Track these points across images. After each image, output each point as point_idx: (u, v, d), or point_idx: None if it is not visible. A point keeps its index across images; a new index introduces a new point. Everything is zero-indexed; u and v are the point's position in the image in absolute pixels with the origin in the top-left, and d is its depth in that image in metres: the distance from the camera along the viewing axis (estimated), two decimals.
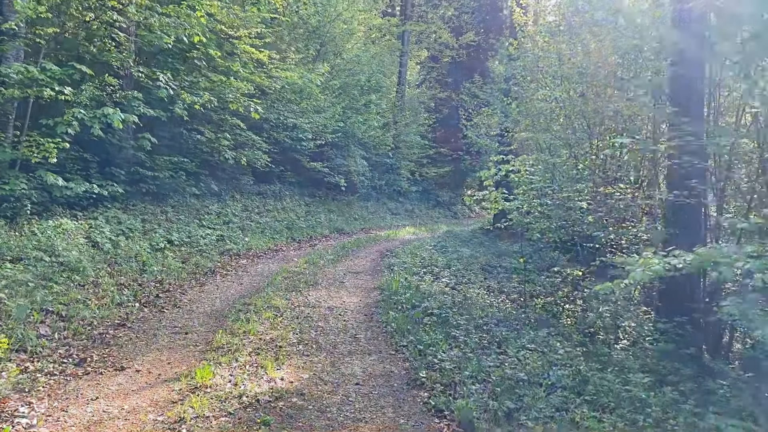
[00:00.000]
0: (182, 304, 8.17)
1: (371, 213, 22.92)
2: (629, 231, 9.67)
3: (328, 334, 7.03)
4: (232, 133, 15.13)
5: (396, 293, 9.07)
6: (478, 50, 29.33)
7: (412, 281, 10.22)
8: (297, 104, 17.69)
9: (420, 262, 12.53)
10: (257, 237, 14.44)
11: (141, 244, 11.07)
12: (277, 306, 8.03)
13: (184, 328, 7.02)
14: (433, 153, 27.92)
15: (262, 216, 16.23)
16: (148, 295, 8.47)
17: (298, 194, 19.49)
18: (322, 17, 20.38)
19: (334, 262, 12.62)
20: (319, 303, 8.64)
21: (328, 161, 20.37)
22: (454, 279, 11.37)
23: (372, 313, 8.25)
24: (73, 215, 10.69)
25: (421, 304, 8.41)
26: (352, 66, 22.93)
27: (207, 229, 13.34)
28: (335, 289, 9.82)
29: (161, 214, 12.90)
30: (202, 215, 13.99)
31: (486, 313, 8.75)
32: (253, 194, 17.22)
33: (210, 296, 8.78)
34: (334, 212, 20.15)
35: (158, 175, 12.89)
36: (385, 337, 7.03)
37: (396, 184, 25.88)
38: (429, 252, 13.99)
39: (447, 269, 12.13)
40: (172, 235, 12.04)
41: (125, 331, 6.77)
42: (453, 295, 9.62)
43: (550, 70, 11.81)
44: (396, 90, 27.74)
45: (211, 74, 13.22)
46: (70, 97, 9.80)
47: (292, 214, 17.68)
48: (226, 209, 15.08)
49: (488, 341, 7.18)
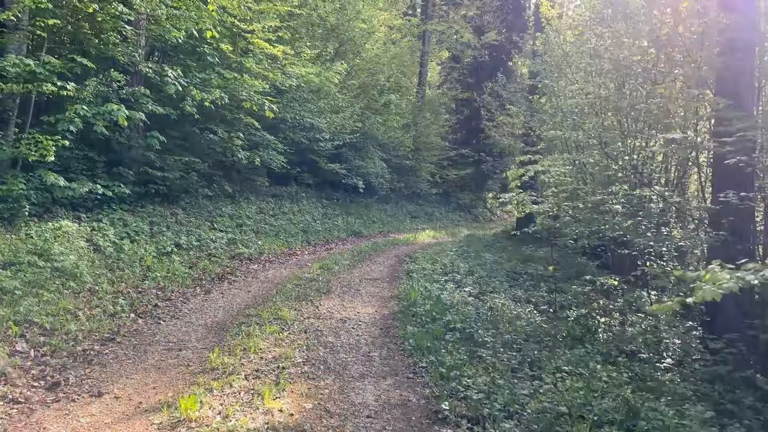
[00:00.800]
0: (182, 315, 7.38)
1: (390, 216, 22.06)
2: (672, 238, 8.69)
3: (338, 352, 6.18)
4: (246, 133, 14.40)
5: (415, 304, 8.20)
6: (500, 50, 28.31)
7: (432, 290, 9.34)
8: (314, 104, 16.91)
9: (441, 268, 11.63)
10: (271, 240, 13.66)
11: (147, 247, 10.35)
12: (284, 318, 7.21)
13: (179, 343, 6.23)
14: (454, 155, 26.95)
15: (277, 219, 15.46)
16: (146, 303, 7.71)
17: (315, 196, 18.71)
18: (341, 16, 19.61)
19: (350, 267, 11.78)
20: (330, 314, 7.80)
21: (346, 162, 19.56)
22: (478, 287, 10.46)
23: (388, 326, 7.38)
24: (76, 217, 10.02)
25: (442, 317, 7.53)
26: (371, 66, 22.12)
27: (218, 232, 12.59)
28: (349, 297, 8.97)
29: (171, 216, 12.18)
30: (214, 217, 13.25)
31: (514, 327, 7.83)
32: (269, 196, 16.47)
33: (213, 305, 7.99)
34: (351, 215, 19.32)
35: (168, 176, 12.17)
36: (402, 357, 6.16)
37: (416, 186, 24.98)
38: (450, 257, 13.08)
39: (469, 276, 11.22)
40: (181, 239, 11.31)
41: (113, 347, 6.00)
42: (477, 305, 8.72)
43: (582, 64, 10.88)
44: (416, 90, 26.86)
45: (224, 71, 12.48)
46: (72, 93, 9.11)
47: (309, 217, 16.89)
48: (240, 211, 14.34)
49: (519, 362, 6.27)
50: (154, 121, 12.48)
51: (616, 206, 9.48)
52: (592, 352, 7.03)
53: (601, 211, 9.70)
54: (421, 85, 27.00)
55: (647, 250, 9.90)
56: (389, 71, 23.09)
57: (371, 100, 21.18)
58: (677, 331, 7.48)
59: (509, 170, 8.80)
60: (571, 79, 11.20)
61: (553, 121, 12.04)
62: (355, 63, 21.27)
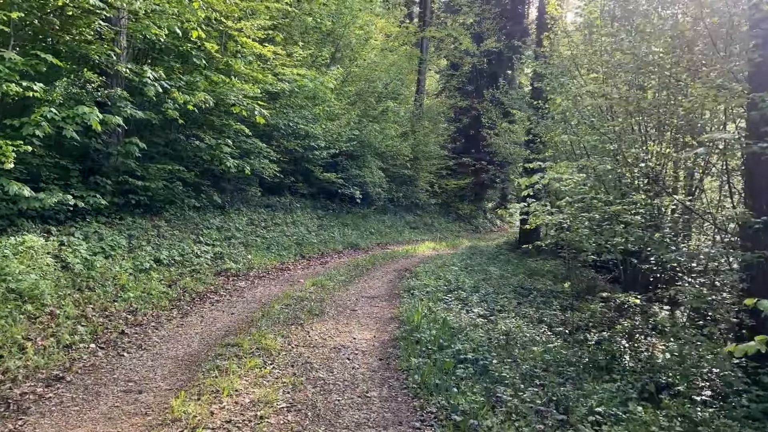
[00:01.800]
0: (150, 344, 6.31)
1: (388, 227, 21.01)
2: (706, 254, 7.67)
3: (330, 392, 5.11)
4: (236, 140, 13.38)
5: (418, 328, 7.13)
6: (499, 57, 27.43)
7: (436, 311, 8.28)
8: (309, 110, 15.91)
9: (444, 284, 10.57)
10: (262, 254, 12.60)
11: (123, 264, 9.28)
12: (268, 348, 6.14)
13: (141, 383, 5.16)
14: (453, 164, 25.93)
15: (269, 230, 14.41)
16: (111, 330, 6.64)
17: (310, 207, 17.66)
18: (337, 20, 18.66)
19: (346, 283, 10.72)
20: (323, 341, 6.74)
21: (342, 172, 18.53)
22: (485, 305, 9.42)
23: (389, 356, 6.32)
24: (46, 231, 8.97)
25: (450, 345, 6.47)
26: (368, 73, 21.16)
27: (204, 246, 11.53)
28: (344, 319, 7.91)
29: (152, 228, 11.12)
30: (201, 230, 12.19)
31: (530, 354, 6.79)
32: (261, 207, 15.42)
33: (189, 331, 6.92)
34: (348, 226, 18.27)
35: (150, 186, 11.11)
36: (407, 398, 5.09)
37: (414, 196, 23.94)
38: (453, 272, 12.01)
39: (475, 293, 10.17)
40: (161, 253, 10.24)
41: (60, 389, 4.93)
42: (487, 329, 7.66)
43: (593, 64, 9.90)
44: (414, 99, 25.90)
45: (211, 74, 11.47)
46: (40, 95, 8.10)
47: (303, 229, 15.84)
48: (229, 223, 13.27)
49: (544, 401, 5.21)
50: (136, 127, 11.48)
51: (636, 217, 8.48)
52: (624, 385, 5.99)
53: (621, 222, 8.69)
54: (420, 92, 26.05)
55: (670, 265, 8.89)
56: (387, 78, 22.13)
57: (368, 107, 20.20)
58: (720, 361, 6.42)
59: (521, 178, 7.77)
60: (584, 80, 10.21)
61: (563, 126, 11.04)
62: (351, 69, 20.31)
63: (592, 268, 13.76)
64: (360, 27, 20.22)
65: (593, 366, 6.82)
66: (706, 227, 9.69)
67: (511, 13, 28.10)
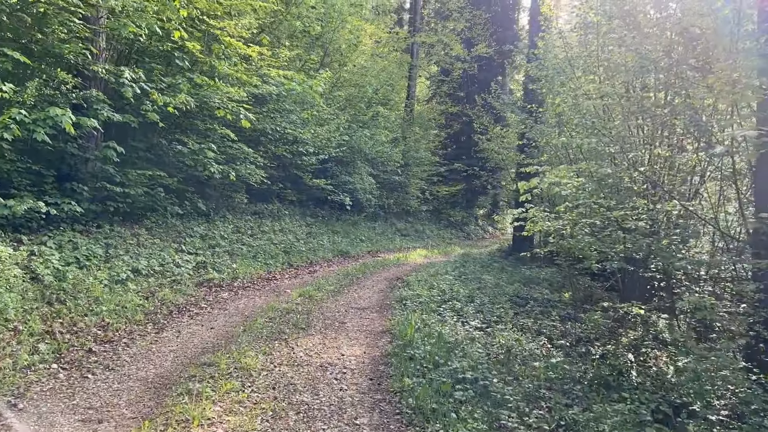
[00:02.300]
0: (119, 364, 5.72)
1: (379, 234, 20.45)
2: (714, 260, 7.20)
3: (314, 419, 4.55)
4: (221, 145, 12.81)
5: (412, 343, 6.58)
6: (490, 63, 27.02)
7: (430, 323, 7.73)
8: (297, 114, 15.37)
9: (438, 294, 10.02)
10: (247, 263, 12.01)
11: (98, 274, 8.67)
12: (248, 368, 5.57)
13: (103, 410, 4.56)
14: (444, 170, 25.43)
15: (256, 238, 13.81)
16: (78, 348, 6.04)
17: (298, 214, 17.09)
18: (326, 24, 18.17)
19: (335, 294, 10.15)
20: (308, 358, 6.17)
21: (332, 178, 17.98)
22: (481, 316, 8.88)
23: (380, 375, 5.77)
24: (16, 240, 8.36)
25: (447, 362, 5.92)
26: (358, 78, 20.67)
27: (186, 255, 10.92)
28: (332, 334, 7.35)
29: (131, 237, 10.51)
30: (183, 238, 11.59)
31: (532, 370, 6.26)
32: (248, 214, 14.83)
33: (163, 349, 6.33)
34: (338, 233, 17.70)
35: (130, 192, 10.51)
36: (400, 425, 4.53)
37: (405, 203, 23.40)
38: (447, 281, 11.45)
39: (470, 303, 9.63)
40: (140, 263, 9.63)
41: (9, 419, 4.33)
42: (485, 343, 7.12)
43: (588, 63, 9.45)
44: (405, 104, 25.42)
45: (195, 76, 10.90)
46: (9, 95, 7.53)
47: (291, 236, 15.26)
48: (214, 231, 12.68)
49: (552, 427, 4.68)
50: (115, 131, 10.91)
51: (640, 223, 8.00)
52: (636, 407, 5.46)
53: (622, 228, 8.21)
54: (410, 98, 25.57)
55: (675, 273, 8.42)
56: (377, 83, 21.65)
57: (358, 113, 19.69)
58: (737, 377, 5.91)
59: (519, 182, 7.25)
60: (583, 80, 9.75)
61: (560, 129, 10.57)
62: (341, 75, 19.81)
63: (589, 276, 13.28)
64: (350, 31, 19.73)
65: (600, 383, 6.30)
66: (709, 233, 9.25)
67: (501, 18, 27.75)
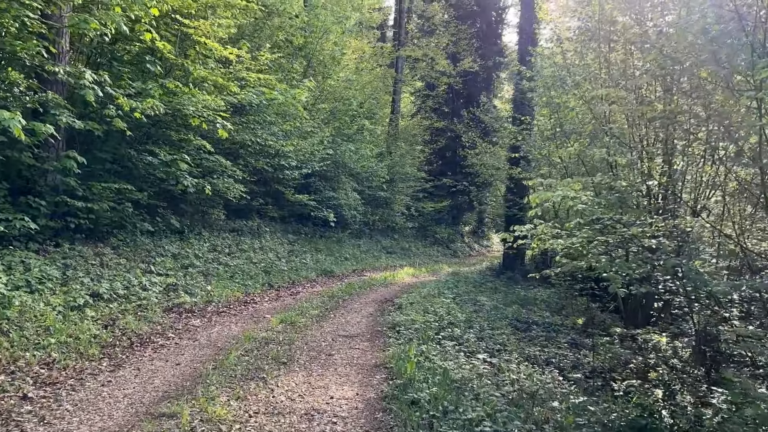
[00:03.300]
0: (57, 416, 4.57)
1: (364, 252, 19.39)
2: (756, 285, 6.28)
3: None
4: (197, 157, 11.73)
5: (412, 382, 5.53)
6: (475, 78, 26.35)
7: (431, 355, 6.69)
8: (279, 126, 14.36)
9: (434, 319, 8.97)
10: (223, 285, 10.87)
11: (51, 299, 7.51)
12: (216, 419, 4.47)
13: None
14: (430, 187, 24.52)
15: (234, 257, 12.68)
16: (11, 394, 4.88)
17: (280, 231, 15.98)
18: (309, 34, 17.25)
19: (320, 319, 9.06)
20: (291, 403, 5.08)
21: (315, 193, 16.94)
22: (483, 344, 7.87)
23: (378, 425, 4.68)
24: None
25: (457, 409, 4.88)
26: (342, 91, 19.75)
27: (155, 276, 9.77)
28: (319, 368, 6.26)
29: (94, 257, 9.35)
30: (153, 258, 10.43)
31: (553, 414, 5.26)
32: (226, 231, 13.71)
33: (116, 393, 5.19)
34: (321, 251, 16.61)
35: (94, 207, 9.39)
36: None
37: (390, 219, 22.40)
38: (442, 304, 10.41)
39: (469, 329, 8.61)
40: (101, 286, 8.46)
41: None
42: (496, 381, 6.09)
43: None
44: (389, 119, 24.55)
45: (168, 81, 9.83)
46: None
47: (272, 255, 14.14)
48: (187, 250, 11.53)
49: None
50: (80, 140, 9.81)
51: (665, 241, 7.09)
52: None
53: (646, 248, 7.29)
54: (395, 113, 24.72)
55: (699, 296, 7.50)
56: (362, 97, 20.77)
57: (343, 126, 18.73)
58: None
59: (531, 196, 6.29)
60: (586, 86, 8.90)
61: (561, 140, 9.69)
62: (325, 87, 18.88)
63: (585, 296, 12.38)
64: (334, 43, 18.84)
65: (632, 427, 5.31)
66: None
67: (486, 34, 27.17)
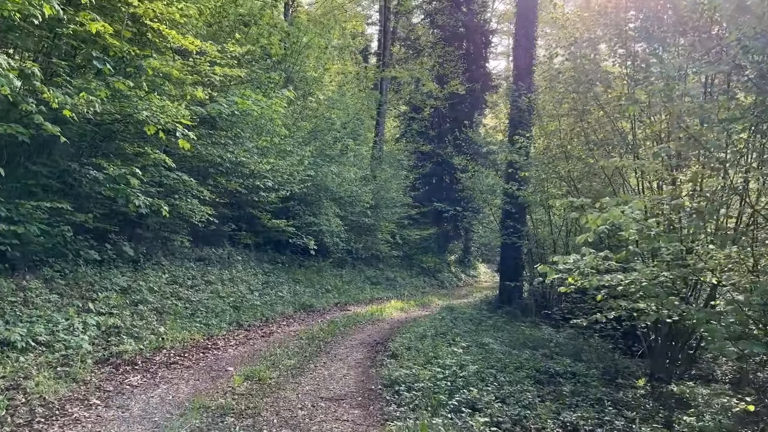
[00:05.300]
0: None
1: (347, 283, 17.40)
2: None
3: None
4: (156, 174, 9.81)
5: None
6: (462, 102, 24.88)
7: None
8: (254, 141, 12.51)
9: (441, 373, 6.99)
10: (181, 325, 8.83)
11: None
12: None
13: None
14: (416, 213, 22.73)
15: (198, 291, 10.63)
16: None
17: (254, 260, 13.97)
18: (288, 46, 15.55)
19: (297, 372, 7.07)
20: None
21: (294, 218, 15.00)
22: (507, 410, 5.98)
23: None
24: None
25: None
26: (325, 109, 18.04)
27: (94, 316, 7.70)
28: None
29: (16, 292, 7.30)
30: (95, 293, 8.38)
31: None
32: (190, 260, 11.65)
33: None
34: (300, 282, 14.61)
35: (19, 231, 7.37)
36: None
37: (375, 247, 20.47)
38: (446, 351, 8.43)
39: (486, 388, 6.70)
40: (14, 331, 6.41)
41: None
42: None
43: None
44: (374, 143, 22.85)
45: (114, 80, 7.92)
46: None
47: (243, 287, 12.10)
48: (141, 282, 9.47)
49: None
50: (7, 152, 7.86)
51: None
52: None
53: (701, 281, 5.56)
54: (379, 135, 23.05)
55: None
56: (345, 117, 19.09)
57: (324, 146, 16.94)
58: None
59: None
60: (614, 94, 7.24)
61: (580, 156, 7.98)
62: (306, 105, 17.13)
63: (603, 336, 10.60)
64: (316, 58, 17.19)
65: None
66: None
67: (473, 56, 25.84)
